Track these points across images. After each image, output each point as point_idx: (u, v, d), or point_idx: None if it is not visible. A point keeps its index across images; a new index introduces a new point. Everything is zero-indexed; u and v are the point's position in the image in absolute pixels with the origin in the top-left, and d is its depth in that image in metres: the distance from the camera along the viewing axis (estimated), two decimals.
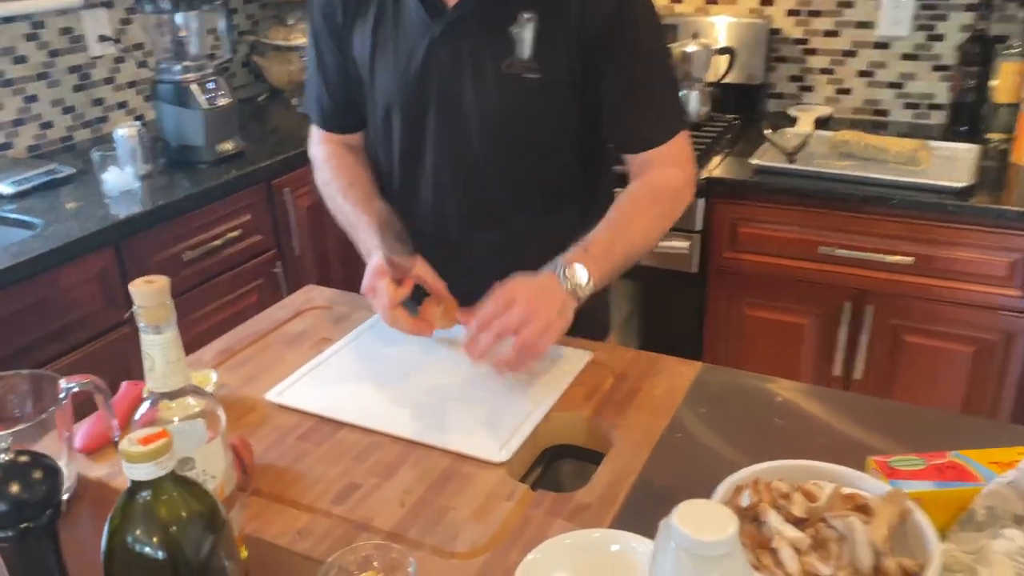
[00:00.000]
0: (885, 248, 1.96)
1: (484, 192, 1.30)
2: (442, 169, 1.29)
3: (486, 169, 1.28)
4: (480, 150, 1.26)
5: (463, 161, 1.28)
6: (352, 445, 1.06)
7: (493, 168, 1.27)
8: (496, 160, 1.27)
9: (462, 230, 1.33)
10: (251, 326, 1.37)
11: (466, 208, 1.31)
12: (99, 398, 1.01)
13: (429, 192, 1.32)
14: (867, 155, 2.06)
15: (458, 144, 1.27)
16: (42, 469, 0.73)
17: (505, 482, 0.99)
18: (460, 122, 1.25)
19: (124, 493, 0.64)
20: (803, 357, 2.15)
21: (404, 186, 1.35)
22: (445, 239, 1.33)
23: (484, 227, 1.32)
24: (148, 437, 0.63)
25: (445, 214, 1.32)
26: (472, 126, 1.24)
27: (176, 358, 0.76)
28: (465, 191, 1.30)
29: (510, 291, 1.12)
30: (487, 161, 1.27)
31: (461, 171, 1.29)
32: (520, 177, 1.29)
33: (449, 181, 1.30)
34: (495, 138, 1.25)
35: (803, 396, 1.14)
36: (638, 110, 1.24)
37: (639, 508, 0.94)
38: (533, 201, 1.31)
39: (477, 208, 1.31)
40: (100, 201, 2.04)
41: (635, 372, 1.19)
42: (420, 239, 1.25)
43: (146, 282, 0.74)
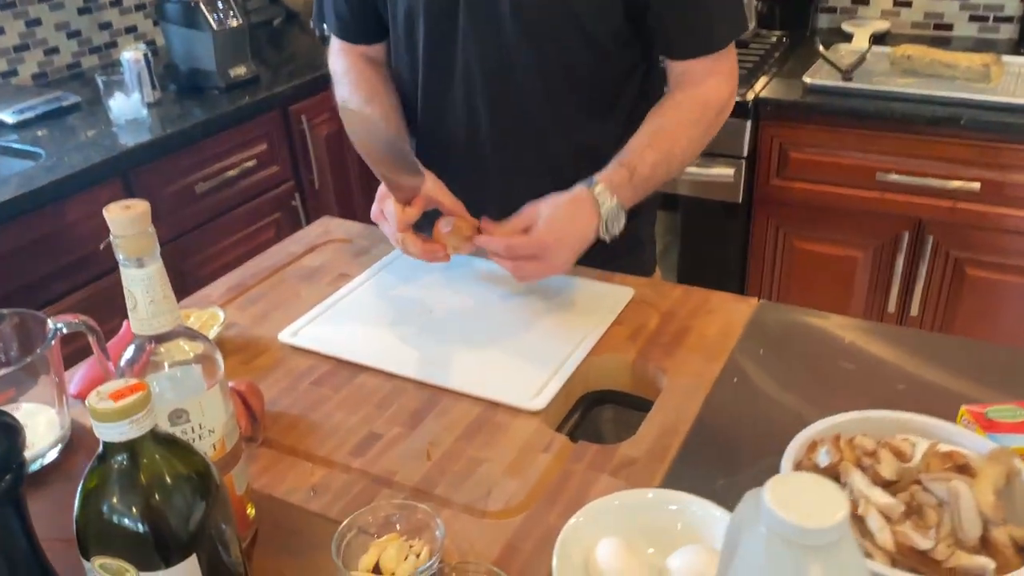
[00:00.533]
0: (950, 173, 1.80)
1: (521, 104, 1.16)
2: (473, 79, 1.16)
3: (523, 78, 1.14)
4: (516, 56, 1.12)
5: (497, 69, 1.14)
6: (372, 391, 0.96)
7: (531, 77, 1.14)
8: (534, 67, 1.13)
9: (497, 148, 1.20)
10: (263, 260, 1.27)
11: (501, 123, 1.18)
12: (92, 340, 0.91)
13: (459, 107, 1.19)
14: (932, 72, 1.88)
15: (491, 50, 1.13)
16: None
17: (541, 432, 0.88)
18: (493, 24, 1.11)
19: (96, 456, 0.54)
20: (855, 293, 2.02)
21: (431, 102, 1.22)
22: (478, 159, 1.21)
23: (521, 144, 1.20)
24: (121, 390, 0.52)
25: (477, 131, 1.20)
26: (507, 28, 1.10)
27: (163, 295, 0.66)
28: (499, 103, 1.17)
29: (534, 215, 1.02)
30: (524, 69, 1.13)
31: (495, 81, 1.15)
32: (560, 86, 1.15)
33: (481, 93, 1.17)
34: (533, 42, 1.11)
35: (873, 336, 1.02)
36: (691, 10, 1.10)
37: (694, 464, 0.83)
38: (574, 112, 1.18)
39: (513, 122, 1.18)
40: (107, 130, 1.93)
41: (683, 310, 1.08)
42: (450, 160, 1.13)
43: (123, 208, 0.63)
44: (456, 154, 1.21)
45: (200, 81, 2.14)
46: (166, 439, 0.55)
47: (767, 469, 0.82)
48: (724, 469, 0.82)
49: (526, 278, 1.06)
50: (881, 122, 1.82)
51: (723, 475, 0.82)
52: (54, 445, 0.87)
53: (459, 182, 1.09)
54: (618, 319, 1.06)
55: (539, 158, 1.20)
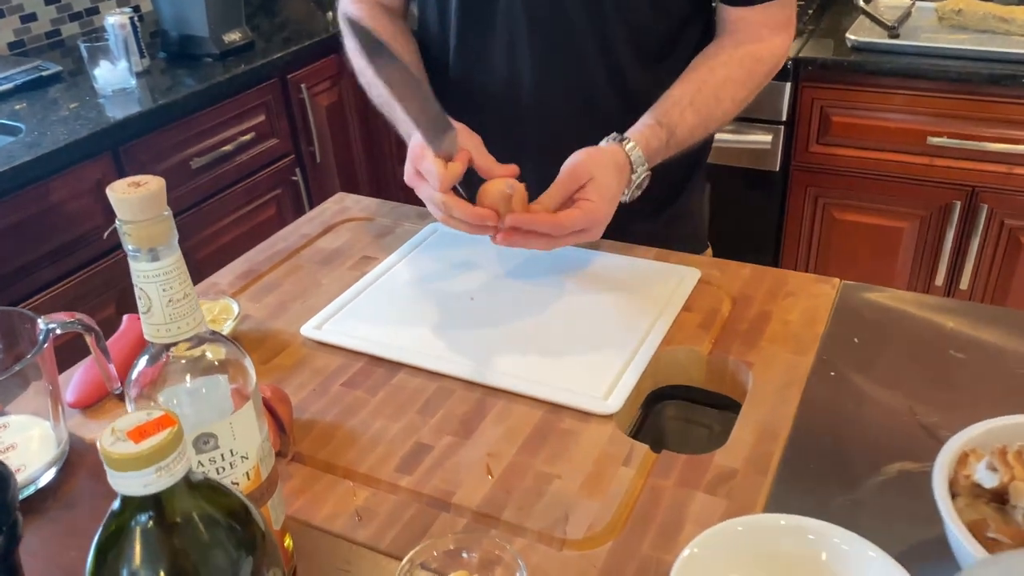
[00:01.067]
0: (1008, 137, 1.68)
1: (570, 52, 1.04)
2: (517, 25, 1.03)
3: (574, 23, 1.01)
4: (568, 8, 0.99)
5: (545, 15, 1.01)
6: (415, 393, 0.84)
7: (582, 21, 1.01)
8: (586, 11, 1.00)
9: (540, 102, 1.07)
10: (276, 243, 1.13)
11: (545, 74, 1.05)
12: (90, 340, 0.78)
13: (499, 56, 1.06)
14: (986, 27, 1.75)
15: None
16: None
17: (617, 440, 0.76)
18: None
19: (111, 512, 0.41)
20: (898, 266, 1.90)
21: (464, 52, 1.09)
22: (518, 115, 1.09)
23: (567, 97, 1.06)
24: (143, 427, 0.40)
25: (519, 83, 1.07)
26: None
27: (183, 294, 0.53)
28: (545, 52, 1.04)
29: (581, 177, 0.90)
30: (575, 11, 1.00)
31: (542, 26, 1.02)
32: (614, 32, 1.03)
33: (527, 40, 1.03)
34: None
35: (979, 319, 0.90)
36: None
37: (802, 476, 0.71)
38: (628, 63, 1.05)
39: (559, 73, 1.05)
40: (93, 102, 1.78)
41: (758, 293, 0.96)
42: (485, 115, 1.00)
43: (132, 185, 0.50)
44: (492, 109, 1.08)
45: (192, 48, 1.98)
46: (201, 486, 0.43)
47: (890, 483, 0.70)
48: (838, 482, 0.71)
49: (554, 247, 0.91)
50: (933, 82, 1.69)
51: (839, 490, 0.70)
52: (50, 466, 0.75)
53: (494, 141, 0.96)
54: (686, 304, 0.94)
55: (586, 113, 1.07)
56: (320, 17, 2.40)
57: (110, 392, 0.84)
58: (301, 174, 2.14)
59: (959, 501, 0.58)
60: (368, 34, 0.87)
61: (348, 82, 2.26)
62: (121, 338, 0.91)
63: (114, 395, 0.85)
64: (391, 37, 1.09)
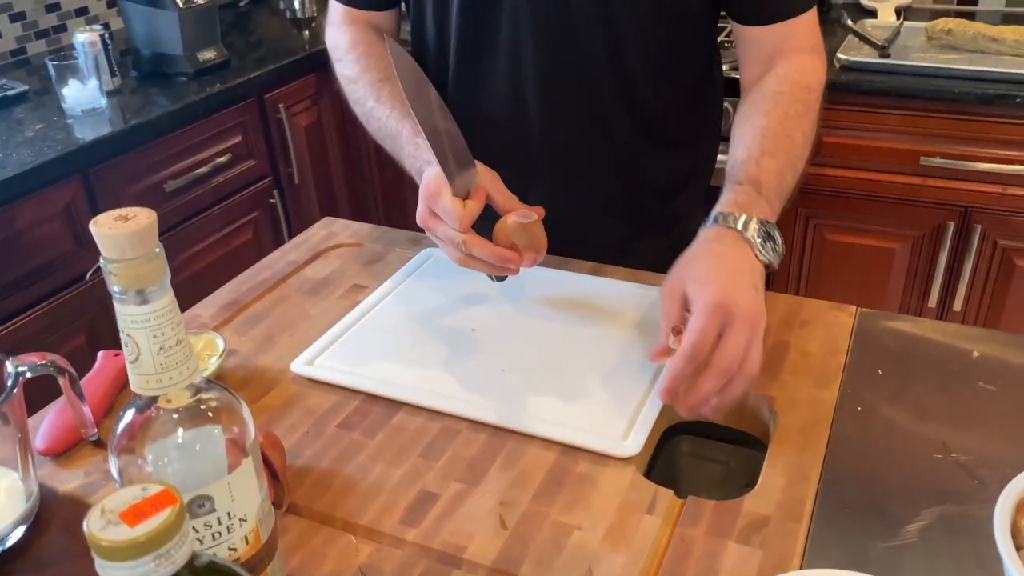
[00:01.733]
0: (1001, 157, 1.66)
1: (579, 73, 0.99)
2: (522, 45, 0.98)
3: (584, 42, 0.96)
4: (577, 18, 0.95)
5: (551, 26, 0.96)
6: (416, 435, 0.78)
7: (593, 40, 0.96)
8: (595, 23, 0.95)
9: (547, 119, 1.02)
10: (260, 271, 1.07)
11: (553, 96, 1.00)
12: (64, 383, 0.72)
13: (502, 72, 1.01)
14: (975, 46, 1.74)
15: (545, 11, 0.95)
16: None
17: (638, 485, 0.71)
18: None
19: None
20: (890, 287, 1.87)
21: (465, 71, 1.04)
22: (524, 135, 1.04)
23: (576, 122, 1.02)
24: (138, 506, 0.34)
25: (524, 100, 1.02)
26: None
27: (176, 340, 0.47)
28: (553, 73, 0.99)
29: (718, 302, 0.71)
30: (585, 31, 0.96)
31: (548, 41, 0.97)
32: (627, 51, 0.98)
33: (533, 55, 0.98)
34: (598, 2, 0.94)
35: (1006, 348, 0.86)
36: None
37: (839, 522, 0.67)
38: (638, 74, 1.00)
39: (568, 95, 1.00)
40: (61, 122, 1.71)
41: (773, 321, 0.91)
42: (489, 137, 0.95)
43: (119, 219, 0.44)
44: (495, 129, 1.03)
45: (165, 66, 1.91)
46: (206, 571, 0.37)
47: (932, 528, 0.65)
48: (877, 528, 0.66)
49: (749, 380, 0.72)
50: (925, 102, 1.67)
51: (879, 537, 0.65)
52: (19, 523, 0.68)
53: (498, 163, 0.91)
54: None
55: (596, 132, 1.03)
56: (296, 36, 2.34)
57: (84, 438, 0.77)
58: (279, 196, 2.07)
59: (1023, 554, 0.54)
60: (412, 63, 0.82)
61: (327, 102, 2.20)
62: (96, 377, 0.84)
63: (89, 441, 0.78)
64: (386, 68, 1.03)
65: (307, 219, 2.17)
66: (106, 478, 0.75)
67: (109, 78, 1.83)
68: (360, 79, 1.04)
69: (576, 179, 0.90)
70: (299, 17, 2.49)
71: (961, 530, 0.66)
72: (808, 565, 0.63)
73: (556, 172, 0.91)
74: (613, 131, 1.03)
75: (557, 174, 0.89)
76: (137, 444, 0.49)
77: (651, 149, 0.94)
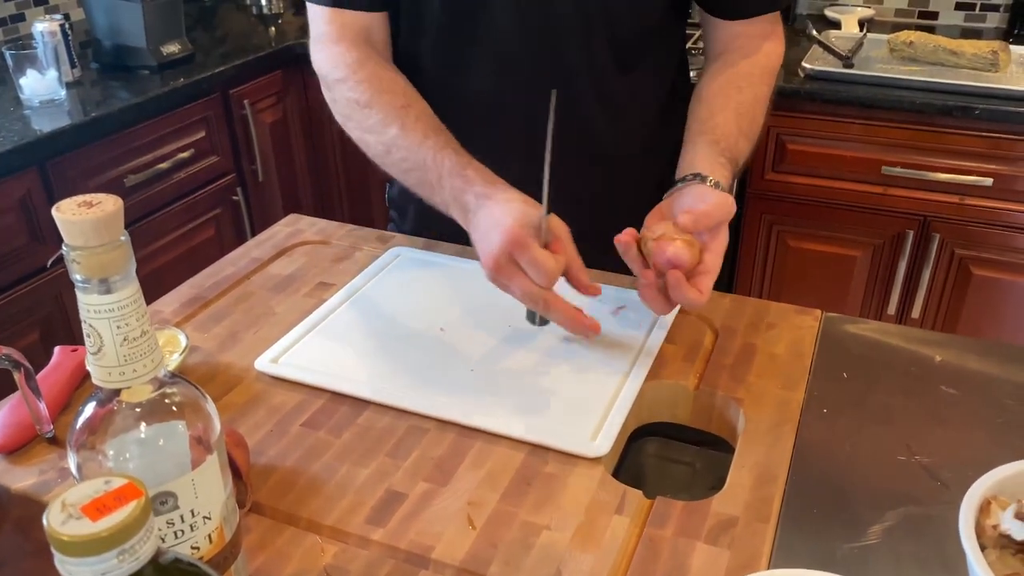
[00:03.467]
0: (960, 168, 1.70)
1: (557, 58, 0.99)
2: (508, 38, 0.97)
3: (561, 30, 0.97)
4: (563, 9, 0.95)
5: (537, 24, 0.96)
6: (383, 434, 0.77)
7: (570, 28, 0.97)
8: (574, 17, 0.96)
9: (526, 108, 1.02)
10: (223, 267, 1.05)
11: (538, 83, 1.00)
12: (19, 377, 0.70)
13: (484, 74, 1.00)
14: (936, 59, 1.78)
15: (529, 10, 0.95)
16: None
17: (607, 485, 0.71)
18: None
19: None
20: (851, 293, 1.90)
21: (444, 72, 1.03)
22: (504, 122, 1.03)
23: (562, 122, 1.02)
24: (100, 500, 0.32)
25: (504, 102, 1.02)
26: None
27: (140, 332, 0.45)
28: (537, 65, 0.99)
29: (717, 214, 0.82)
30: (565, 20, 0.96)
31: (533, 42, 0.98)
32: (597, 39, 0.99)
33: (519, 54, 0.98)
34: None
35: (967, 352, 0.88)
36: None
37: (805, 523, 0.67)
38: (609, 67, 1.01)
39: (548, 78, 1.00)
40: (18, 113, 1.66)
41: (739, 324, 0.92)
42: (467, 121, 0.95)
43: (83, 205, 0.43)
44: (478, 131, 1.02)
45: (127, 59, 1.88)
46: (171, 570, 0.35)
47: (896, 529, 0.66)
48: (843, 529, 0.67)
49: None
50: (888, 112, 1.70)
51: (845, 537, 0.66)
52: None
53: (478, 147, 0.91)
54: (667, 336, 0.89)
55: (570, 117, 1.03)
56: (262, 32, 2.31)
57: (40, 435, 0.75)
58: (242, 193, 2.05)
59: (989, 554, 0.54)
60: None
61: (293, 99, 2.18)
62: (52, 372, 0.82)
63: (44, 438, 0.75)
64: (406, 91, 0.96)
65: (270, 217, 2.14)
66: (61, 476, 0.73)
67: (69, 69, 1.79)
68: (375, 103, 0.94)
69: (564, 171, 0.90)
70: (265, 13, 2.46)
71: (924, 530, 0.66)
72: (775, 565, 0.63)
73: (535, 150, 0.89)
74: (585, 115, 1.03)
75: (535, 152, 0.88)
76: (97, 439, 0.47)
77: (628, 132, 0.97)
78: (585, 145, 1.03)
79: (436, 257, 1.04)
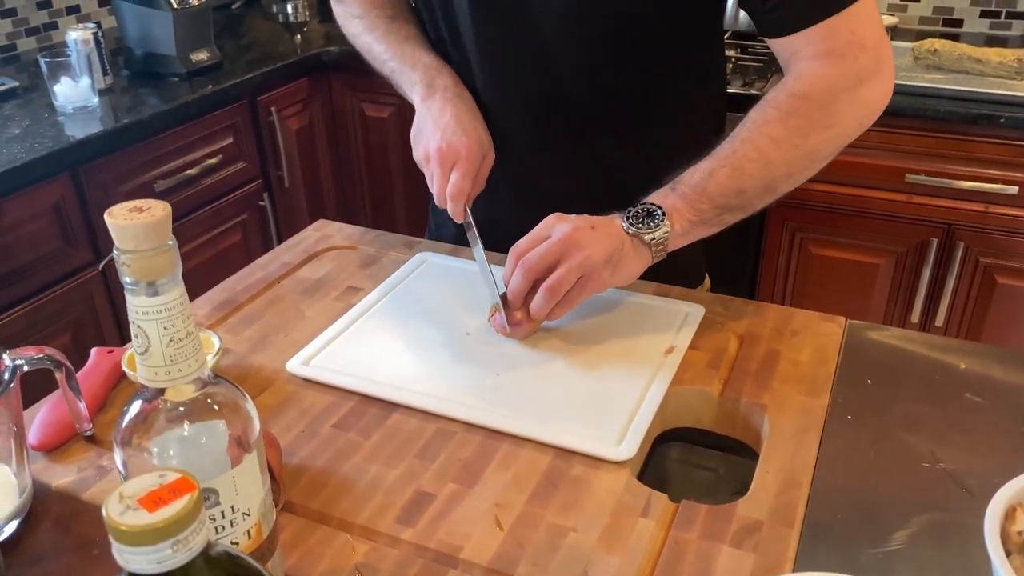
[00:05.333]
0: (985, 176, 1.70)
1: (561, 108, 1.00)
2: (505, 73, 0.99)
3: (564, 73, 0.97)
4: (554, 41, 0.95)
5: (532, 61, 0.97)
6: (412, 436, 0.78)
7: (572, 72, 0.97)
8: (576, 59, 0.96)
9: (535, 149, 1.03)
10: (254, 271, 1.07)
11: (535, 127, 1.01)
12: (60, 377, 0.72)
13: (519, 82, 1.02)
14: (960, 67, 1.77)
15: (524, 34, 0.95)
16: None
17: (632, 488, 0.72)
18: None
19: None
20: (874, 301, 1.90)
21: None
22: (509, 174, 1.04)
23: (563, 146, 1.03)
24: (156, 492, 0.34)
25: (507, 139, 1.02)
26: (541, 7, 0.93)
27: (185, 333, 0.47)
28: (532, 104, 1.00)
29: (551, 221, 0.87)
30: (565, 62, 0.96)
31: (528, 77, 0.98)
32: (609, 79, 0.98)
33: (516, 92, 0.99)
34: (577, 28, 0.94)
35: (991, 361, 0.88)
36: None
37: (829, 528, 0.68)
38: (627, 112, 1.01)
39: (551, 127, 1.01)
40: (52, 119, 1.70)
41: (764, 331, 0.92)
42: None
43: (134, 210, 0.44)
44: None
45: (157, 66, 1.91)
46: (221, 560, 0.37)
47: (921, 535, 0.67)
48: (867, 534, 0.67)
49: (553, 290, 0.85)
50: (911, 120, 1.70)
51: (869, 543, 0.66)
52: (11, 518, 0.67)
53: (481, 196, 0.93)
54: (692, 343, 0.90)
55: (580, 169, 1.04)
56: (288, 40, 2.35)
57: (79, 433, 0.77)
58: (269, 199, 2.08)
59: (1014, 560, 0.55)
60: None
61: (319, 106, 2.21)
62: (90, 373, 0.84)
63: (83, 437, 0.77)
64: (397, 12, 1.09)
65: (296, 222, 2.16)
66: (99, 474, 0.75)
67: (101, 76, 1.83)
68: (367, 16, 1.07)
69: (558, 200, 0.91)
70: (291, 21, 2.50)
71: (949, 537, 0.67)
72: (800, 569, 0.64)
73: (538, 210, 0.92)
74: (603, 158, 1.03)
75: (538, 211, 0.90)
76: (142, 436, 0.49)
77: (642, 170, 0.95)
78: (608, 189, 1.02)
79: (461, 263, 1.06)
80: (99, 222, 1.66)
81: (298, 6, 2.50)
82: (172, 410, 0.49)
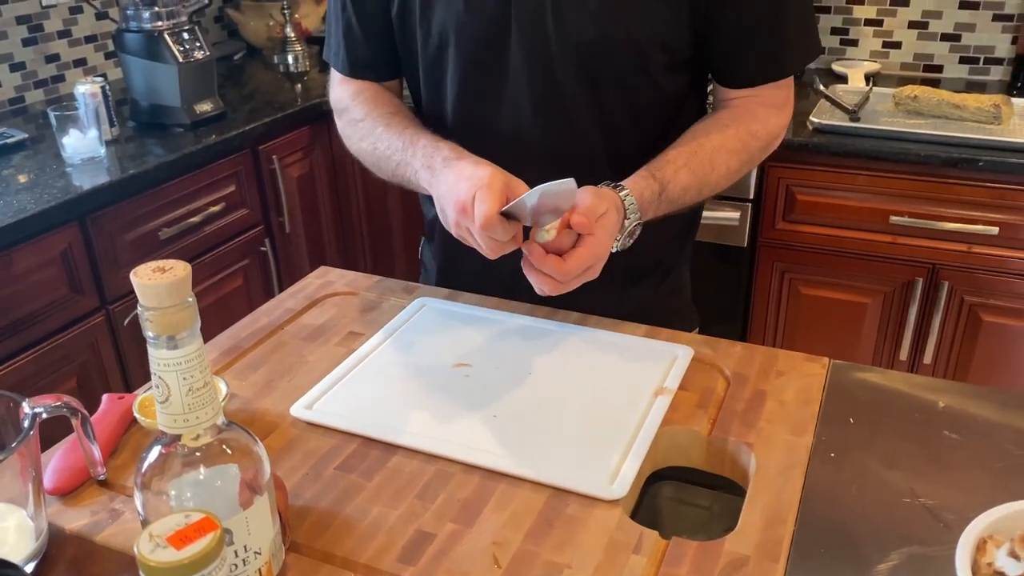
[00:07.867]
0: (966, 217, 1.75)
1: (576, 145, 1.04)
2: (521, 117, 1.03)
3: (580, 115, 1.02)
4: (570, 87, 1.01)
5: (549, 105, 1.02)
6: (412, 477, 0.81)
7: (585, 109, 1.02)
8: (589, 100, 1.02)
9: None
10: (258, 318, 1.11)
11: (552, 165, 1.06)
12: (76, 423, 0.75)
13: (498, 147, 1.06)
14: (940, 112, 1.84)
15: (542, 81, 1.01)
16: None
17: (625, 526, 0.75)
18: (544, 53, 0.99)
19: None
20: (863, 340, 1.94)
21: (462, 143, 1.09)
22: None
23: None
24: (183, 532, 0.37)
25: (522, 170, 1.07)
26: (559, 57, 0.99)
27: (203, 383, 0.51)
28: (549, 143, 1.04)
29: (605, 207, 0.89)
30: (575, 98, 1.02)
31: (546, 118, 1.03)
32: (618, 120, 1.04)
33: (530, 131, 1.04)
34: (588, 72, 1.00)
35: (969, 399, 0.91)
36: (762, 33, 0.99)
37: (814, 561, 0.71)
38: (628, 143, 1.06)
39: (568, 165, 1.06)
40: (60, 170, 1.75)
41: (750, 372, 0.96)
42: None
43: (157, 270, 0.48)
44: None
45: (163, 117, 1.97)
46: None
47: (901, 568, 0.70)
48: (850, 568, 0.70)
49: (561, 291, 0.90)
50: (894, 164, 1.76)
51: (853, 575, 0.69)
52: (29, 560, 0.70)
53: None
54: (681, 384, 0.94)
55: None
56: (289, 89, 2.41)
57: (92, 477, 0.80)
58: (270, 244, 2.12)
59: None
60: None
61: (319, 154, 2.26)
62: (102, 419, 0.87)
63: (96, 481, 0.81)
64: (395, 107, 1.11)
65: (297, 268, 2.21)
66: (112, 517, 0.77)
67: (108, 128, 1.88)
68: (368, 116, 1.09)
69: None
70: (292, 71, 2.56)
71: (927, 570, 0.70)
72: None
73: None
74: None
75: None
76: (161, 480, 0.52)
77: None
78: None
79: (459, 307, 1.10)
80: (105, 269, 1.70)
81: (298, 57, 2.57)
82: (188, 455, 0.53)
